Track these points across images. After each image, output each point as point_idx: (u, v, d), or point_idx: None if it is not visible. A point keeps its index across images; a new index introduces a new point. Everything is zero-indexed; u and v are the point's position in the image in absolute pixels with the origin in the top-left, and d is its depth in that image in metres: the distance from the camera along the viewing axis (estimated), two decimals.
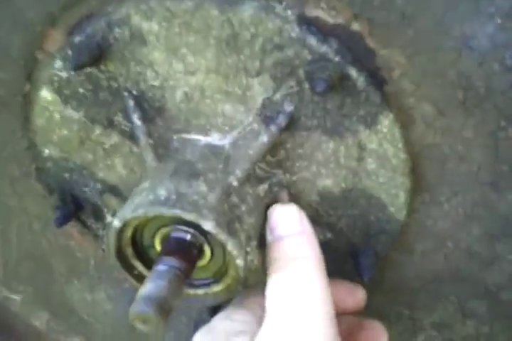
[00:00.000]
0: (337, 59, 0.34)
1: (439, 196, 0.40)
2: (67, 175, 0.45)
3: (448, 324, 0.47)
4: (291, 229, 0.38)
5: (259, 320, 0.36)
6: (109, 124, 0.41)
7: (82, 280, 0.56)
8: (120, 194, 0.45)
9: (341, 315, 0.43)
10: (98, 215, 0.48)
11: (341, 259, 0.43)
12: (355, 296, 0.43)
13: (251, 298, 0.39)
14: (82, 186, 0.46)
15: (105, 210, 0.47)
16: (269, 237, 0.38)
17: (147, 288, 0.33)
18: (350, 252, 0.43)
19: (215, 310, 0.51)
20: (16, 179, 0.49)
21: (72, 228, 0.52)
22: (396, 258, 0.44)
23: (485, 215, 0.39)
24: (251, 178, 0.39)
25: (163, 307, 0.32)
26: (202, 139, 0.39)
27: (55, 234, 0.53)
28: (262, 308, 0.36)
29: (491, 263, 0.41)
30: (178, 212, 0.33)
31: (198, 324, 0.56)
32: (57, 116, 0.41)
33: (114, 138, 0.41)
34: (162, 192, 0.35)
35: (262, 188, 0.40)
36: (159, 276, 0.33)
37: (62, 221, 0.47)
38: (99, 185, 0.45)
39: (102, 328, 0.61)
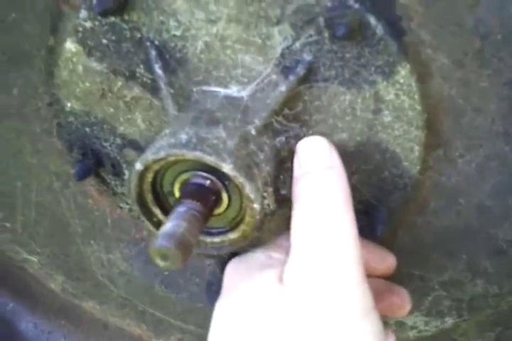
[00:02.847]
0: (356, 6, 0.34)
1: (453, 151, 0.40)
2: (88, 129, 0.46)
3: (457, 283, 0.48)
4: (320, 162, 0.36)
5: None
6: (131, 76, 0.41)
7: (99, 240, 0.57)
8: (140, 148, 0.46)
9: (370, 278, 0.43)
10: (117, 171, 0.49)
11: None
12: (386, 261, 0.44)
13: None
14: (103, 141, 0.47)
15: (124, 166, 0.48)
16: (296, 171, 0.37)
17: (167, 227, 0.34)
18: (363, 210, 0.44)
19: None
20: (38, 136, 0.50)
21: (91, 186, 0.53)
22: (408, 218, 0.45)
23: (497, 169, 0.40)
24: (268, 130, 0.40)
25: (183, 243, 0.33)
26: (221, 91, 0.40)
27: (73, 193, 0.54)
28: None
29: (502, 218, 0.42)
30: (198, 154, 0.34)
31: (210, 284, 0.57)
32: (80, 68, 0.42)
33: (135, 90, 0.42)
34: (183, 136, 0.36)
35: (279, 140, 0.40)
36: (178, 216, 0.35)
37: (82, 175, 0.48)
38: (119, 140, 0.46)
39: (116, 290, 0.62)
